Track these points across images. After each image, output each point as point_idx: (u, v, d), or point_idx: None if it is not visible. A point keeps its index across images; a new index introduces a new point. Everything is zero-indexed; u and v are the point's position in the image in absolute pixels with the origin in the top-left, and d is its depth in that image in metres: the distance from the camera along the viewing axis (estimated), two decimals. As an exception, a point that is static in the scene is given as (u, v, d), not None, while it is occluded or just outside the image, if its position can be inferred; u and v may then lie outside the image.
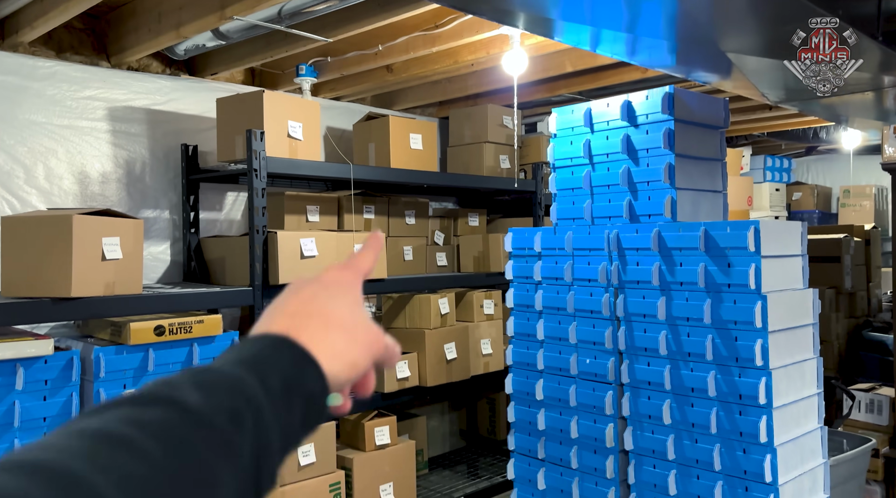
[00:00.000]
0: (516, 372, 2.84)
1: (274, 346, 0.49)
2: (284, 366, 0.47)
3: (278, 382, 0.46)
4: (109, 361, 2.25)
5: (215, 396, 0.42)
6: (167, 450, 0.37)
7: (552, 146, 2.76)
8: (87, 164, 2.91)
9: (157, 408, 0.40)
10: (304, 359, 0.49)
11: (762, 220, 2.17)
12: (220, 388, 0.43)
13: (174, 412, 0.40)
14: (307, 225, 3.25)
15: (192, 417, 0.40)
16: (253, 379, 0.44)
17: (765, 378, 2.12)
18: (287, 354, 0.48)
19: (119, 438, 0.37)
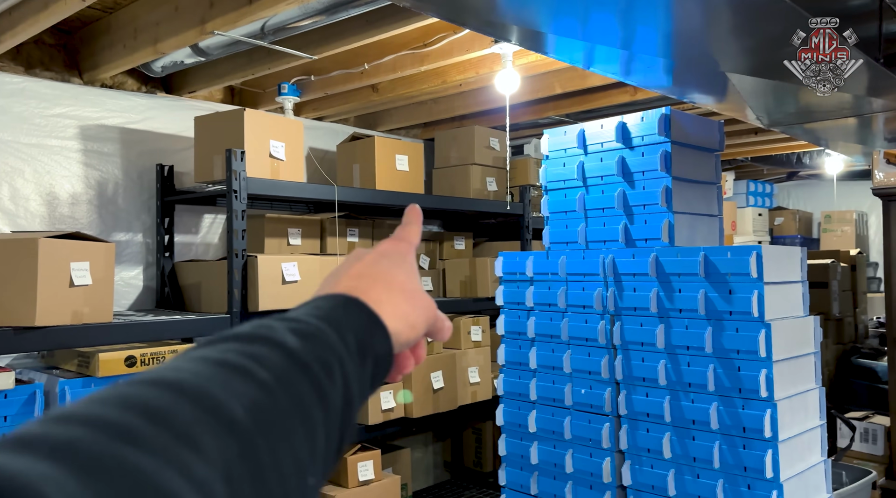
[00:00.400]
0: (507, 402, 2.73)
1: (345, 306, 0.49)
2: (357, 326, 0.48)
3: (353, 340, 0.47)
4: (76, 395, 2.10)
5: (310, 344, 0.43)
6: (280, 385, 0.39)
7: (544, 168, 2.68)
8: (55, 184, 2.77)
9: (263, 346, 0.41)
10: (373, 321, 0.50)
11: (763, 245, 2.10)
12: (312, 337, 0.44)
13: (280, 352, 0.41)
14: (288, 249, 3.12)
15: (294, 359, 0.41)
16: (335, 335, 0.45)
17: (770, 410, 2.03)
18: (358, 315, 0.49)
19: (241, 368, 0.38)
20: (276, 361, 0.40)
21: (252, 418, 0.35)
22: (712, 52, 2.05)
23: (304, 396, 0.40)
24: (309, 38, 2.61)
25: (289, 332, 0.43)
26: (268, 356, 0.40)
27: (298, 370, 0.40)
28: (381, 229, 3.54)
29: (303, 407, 0.39)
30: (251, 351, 0.40)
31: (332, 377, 0.43)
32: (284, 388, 0.39)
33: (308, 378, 0.41)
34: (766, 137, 4.82)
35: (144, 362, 2.25)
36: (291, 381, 0.40)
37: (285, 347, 0.41)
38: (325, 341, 0.44)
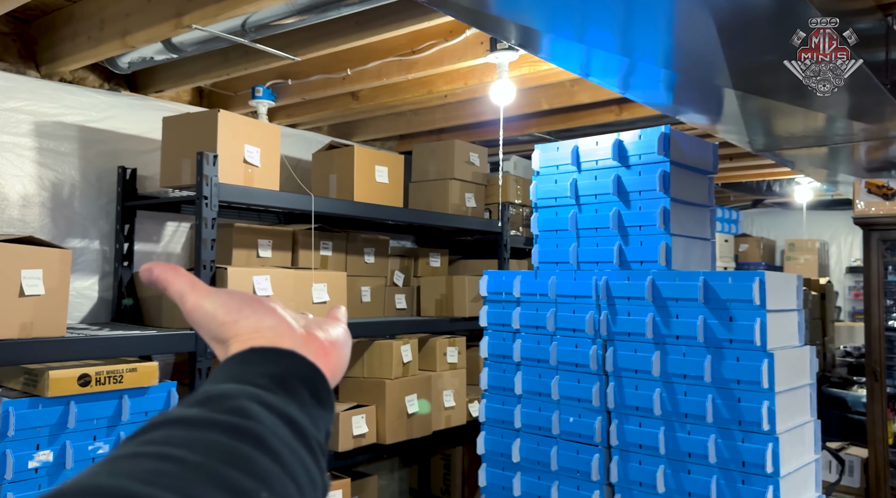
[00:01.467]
0: (490, 430, 2.59)
1: (242, 360, 0.47)
2: (261, 369, 0.46)
3: (266, 380, 0.45)
4: (21, 417, 1.88)
5: (212, 403, 0.41)
6: (187, 448, 0.37)
7: (535, 185, 2.58)
8: (5, 184, 2.54)
9: (160, 428, 0.39)
10: (274, 354, 0.48)
11: (766, 272, 2.03)
12: (214, 398, 0.41)
13: (180, 425, 0.39)
14: (258, 261, 2.94)
15: (197, 422, 0.39)
16: (238, 386, 0.43)
17: (772, 444, 1.94)
18: (257, 360, 0.47)
19: (137, 454, 0.36)
20: (174, 433, 0.38)
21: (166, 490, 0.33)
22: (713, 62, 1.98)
23: (219, 443, 0.38)
24: (292, 38, 2.47)
25: (185, 407, 0.41)
26: (163, 434, 0.38)
27: (203, 428, 0.38)
28: (356, 243, 3.39)
29: (221, 452, 0.37)
30: (149, 438, 0.38)
31: (249, 415, 0.40)
32: (189, 448, 0.36)
33: (218, 429, 0.39)
34: (739, 163, 4.84)
35: (100, 381, 2.04)
36: (196, 439, 0.37)
37: (182, 419, 0.39)
38: (226, 394, 0.42)
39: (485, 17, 1.81)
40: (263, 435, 0.39)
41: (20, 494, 1.89)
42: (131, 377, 2.12)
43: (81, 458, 2.03)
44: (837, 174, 3.50)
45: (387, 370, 3.02)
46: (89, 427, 2.04)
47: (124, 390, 2.12)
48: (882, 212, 3.14)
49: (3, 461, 1.86)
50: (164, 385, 2.24)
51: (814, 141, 2.88)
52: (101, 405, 2.06)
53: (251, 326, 0.50)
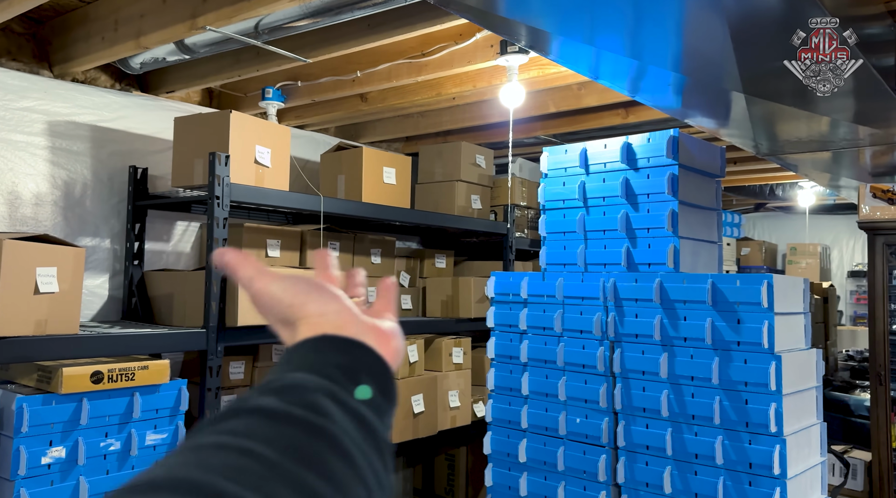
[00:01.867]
0: (496, 430, 2.61)
1: (315, 346, 0.48)
2: (332, 358, 0.47)
3: (336, 370, 0.46)
4: (35, 413, 1.89)
5: (287, 395, 0.42)
6: (265, 444, 0.37)
7: (542, 187, 2.60)
8: (18, 182, 2.56)
9: (237, 418, 0.40)
10: (344, 343, 0.49)
11: (774, 275, 2.04)
12: (288, 389, 0.43)
13: (257, 416, 0.40)
14: (267, 261, 2.96)
15: (274, 415, 0.40)
16: (312, 376, 0.44)
17: (779, 446, 1.96)
18: (329, 348, 0.48)
19: (219, 445, 0.37)
20: (254, 425, 0.39)
21: (243, 486, 0.34)
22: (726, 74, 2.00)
23: (296, 441, 0.39)
24: (303, 41, 2.49)
25: (260, 395, 0.42)
26: (244, 424, 0.39)
27: (281, 423, 0.39)
28: (363, 244, 3.41)
29: (298, 452, 0.38)
30: (228, 428, 0.38)
31: (323, 412, 0.41)
32: (269, 444, 0.37)
33: (295, 425, 0.40)
34: (743, 167, 4.86)
35: (112, 378, 2.06)
36: (275, 435, 0.38)
37: (261, 410, 0.40)
38: (302, 386, 0.43)
39: (495, 18, 1.82)
40: (338, 436, 0.40)
41: (33, 489, 1.91)
42: (143, 375, 2.14)
43: (93, 454, 2.04)
44: (840, 178, 3.51)
45: (394, 370, 3.04)
46: (101, 424, 2.06)
47: (136, 388, 2.13)
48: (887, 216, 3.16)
49: (16, 457, 1.88)
50: (175, 383, 2.26)
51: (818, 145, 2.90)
52: (113, 402, 2.08)
53: (318, 309, 0.51)
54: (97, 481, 2.04)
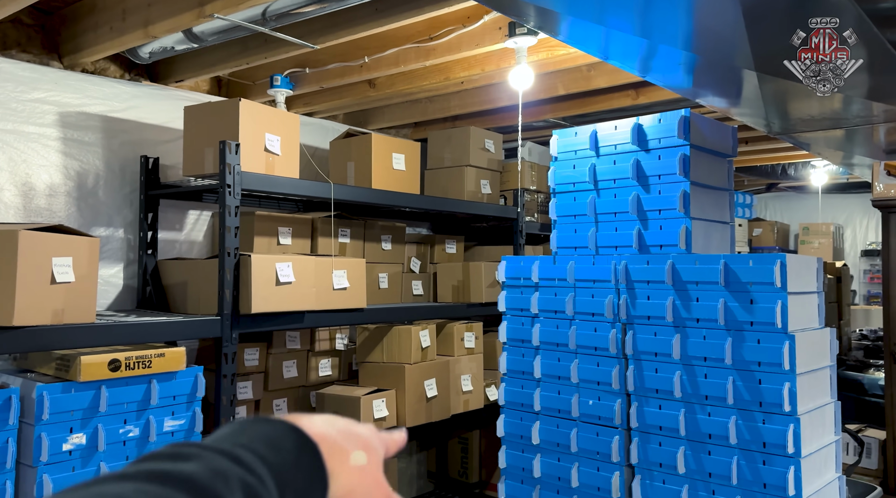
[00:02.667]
0: (509, 413, 2.62)
1: (299, 453, 0.48)
2: (302, 481, 0.47)
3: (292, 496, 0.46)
4: (55, 401, 1.93)
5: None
6: None
7: (553, 170, 2.59)
8: (32, 174, 2.58)
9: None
10: (320, 478, 0.48)
11: (787, 255, 2.03)
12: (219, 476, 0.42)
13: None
14: (279, 248, 2.98)
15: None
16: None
17: (793, 425, 1.96)
18: (306, 467, 0.48)
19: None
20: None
21: None
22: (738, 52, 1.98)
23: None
24: (311, 27, 2.48)
25: (240, 489, 0.41)
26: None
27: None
28: (373, 230, 3.41)
29: None
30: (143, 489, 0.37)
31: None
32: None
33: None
34: (754, 147, 4.82)
35: (129, 366, 2.09)
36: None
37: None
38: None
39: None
40: None
41: (55, 475, 1.94)
42: (160, 362, 2.17)
43: (113, 440, 2.08)
44: (854, 156, 3.48)
45: (406, 355, 3.06)
46: (120, 411, 2.09)
47: (153, 375, 2.16)
48: (901, 194, 3.13)
49: (38, 444, 1.91)
50: (192, 370, 2.28)
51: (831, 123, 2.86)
52: (131, 390, 2.11)
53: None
54: (118, 467, 2.07)
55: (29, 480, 1.93)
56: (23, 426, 1.94)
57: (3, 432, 1.87)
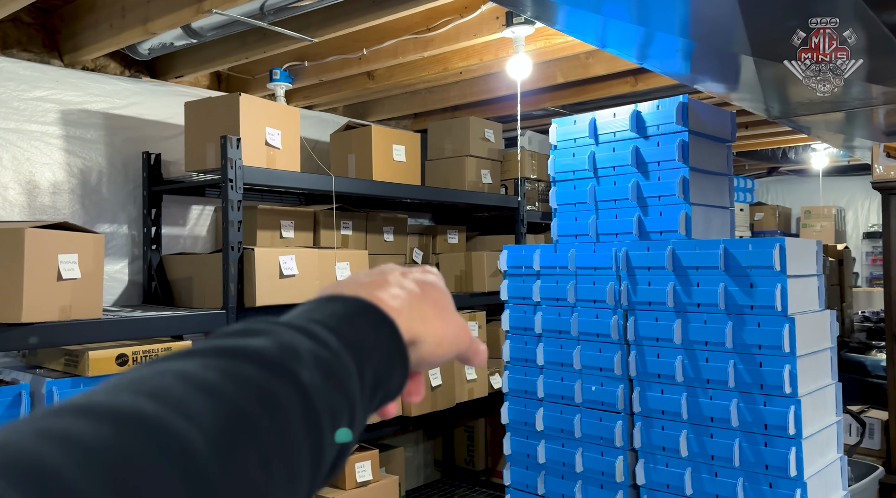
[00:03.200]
0: (513, 400, 2.65)
1: (376, 328, 0.46)
2: (379, 358, 0.45)
3: (371, 376, 0.44)
4: (65, 396, 1.95)
5: (328, 385, 0.40)
6: (281, 443, 0.35)
7: (553, 158, 2.60)
8: (36, 172, 2.60)
9: (283, 379, 0.37)
10: (398, 351, 0.47)
11: (786, 238, 2.05)
12: (333, 376, 0.40)
13: (299, 400, 0.38)
14: (282, 241, 3.00)
15: (307, 407, 0.38)
16: (355, 374, 0.42)
17: (794, 407, 1.98)
18: (386, 343, 0.46)
19: (243, 415, 0.34)
20: (290, 405, 0.37)
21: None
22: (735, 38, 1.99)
23: (302, 457, 0.37)
24: (309, 20, 2.49)
25: (313, 363, 0.39)
26: (281, 398, 0.36)
27: (304, 425, 0.37)
28: (375, 222, 3.43)
29: (293, 470, 0.36)
30: (268, 386, 0.36)
31: (337, 426, 0.40)
32: (282, 446, 0.35)
33: (311, 435, 0.38)
34: (754, 131, 4.82)
35: (136, 360, 2.11)
36: (293, 442, 0.36)
37: (303, 390, 0.38)
38: (343, 384, 0.41)
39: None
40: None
41: (68, 469, 1.97)
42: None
43: (123, 434, 2.11)
44: (854, 139, 3.48)
45: (410, 345, 3.08)
46: (129, 405, 2.12)
47: (161, 369, 2.19)
48: (901, 176, 3.13)
49: (50, 438, 1.94)
50: (198, 363, 2.31)
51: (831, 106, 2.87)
52: (140, 383, 2.14)
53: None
54: (128, 460, 2.10)
55: (41, 473, 1.96)
56: (34, 421, 1.97)
57: (15, 427, 1.90)
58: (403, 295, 0.50)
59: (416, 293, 0.52)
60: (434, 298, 0.53)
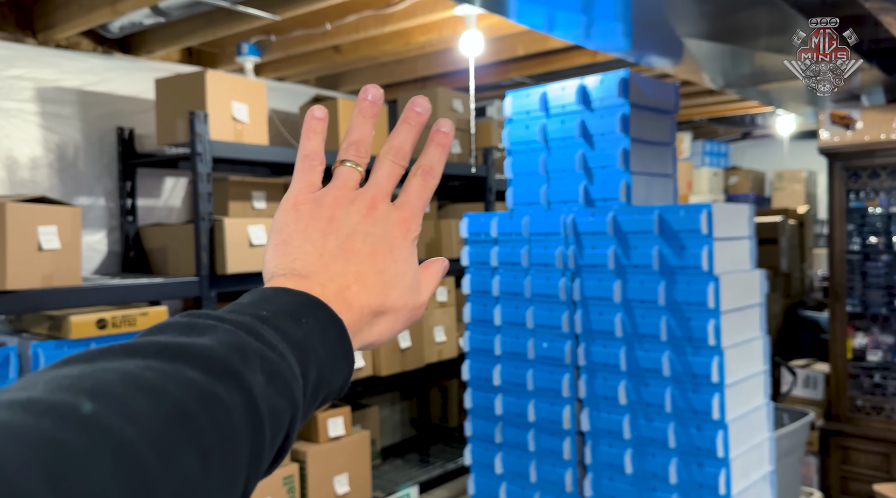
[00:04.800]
0: (473, 358, 2.83)
1: (324, 328, 0.45)
2: (325, 359, 0.44)
3: (315, 377, 0.43)
4: (50, 357, 2.12)
5: (272, 389, 0.39)
6: (221, 450, 0.35)
7: (507, 131, 2.74)
8: (14, 148, 2.72)
9: (223, 383, 0.36)
10: (345, 352, 0.46)
11: (714, 203, 2.21)
12: (278, 379, 0.39)
13: (242, 402, 0.37)
14: (253, 212, 3.14)
15: (251, 413, 0.37)
16: (300, 377, 0.42)
17: (717, 357, 2.17)
18: (333, 344, 0.45)
19: (186, 417, 0.34)
20: (236, 414, 0.36)
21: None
22: (669, 17, 2.13)
23: (242, 459, 0.36)
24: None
25: (258, 364, 0.39)
26: (224, 400, 0.36)
27: (247, 428, 0.37)
28: (346, 191, 3.57)
29: (232, 473, 0.36)
30: (211, 389, 0.35)
31: (278, 432, 0.39)
32: (223, 449, 0.35)
33: (253, 438, 0.37)
34: (721, 98, 4.95)
35: (116, 324, 2.28)
36: (234, 445, 0.36)
37: (251, 399, 0.37)
38: (287, 386, 0.40)
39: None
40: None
41: (54, 423, 2.15)
42: (143, 320, 2.36)
43: (105, 392, 2.28)
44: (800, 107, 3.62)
45: (379, 308, 3.26)
46: (110, 365, 2.29)
47: (138, 332, 2.35)
48: (844, 141, 3.29)
49: (36, 396, 2.11)
50: (174, 326, 2.47)
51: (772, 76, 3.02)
52: (119, 345, 2.30)
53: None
54: (110, 415, 2.28)
55: (30, 428, 2.14)
56: (21, 380, 2.14)
57: (4, 386, 2.06)
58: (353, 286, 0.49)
59: (366, 269, 0.50)
60: (382, 268, 0.51)
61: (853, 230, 3.40)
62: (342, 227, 0.52)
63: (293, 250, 0.50)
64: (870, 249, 3.43)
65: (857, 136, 3.35)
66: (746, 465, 2.33)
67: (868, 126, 3.32)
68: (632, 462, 2.36)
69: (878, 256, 3.40)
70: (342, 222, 0.52)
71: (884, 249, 3.41)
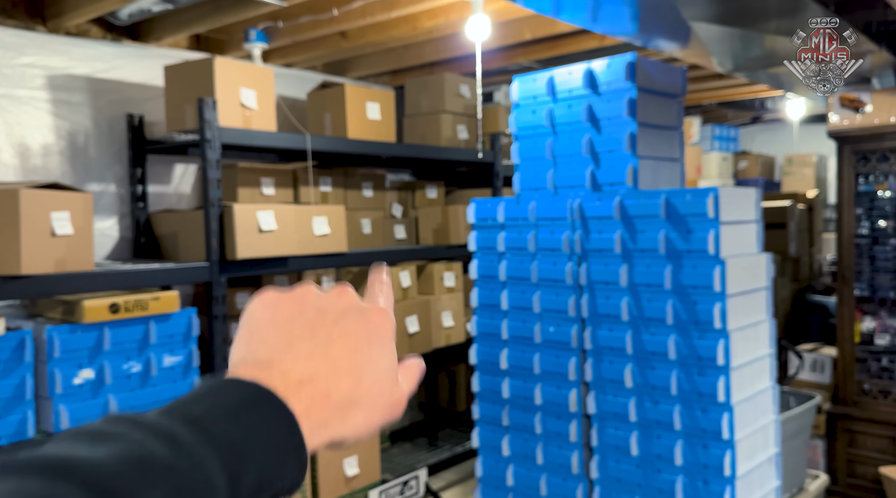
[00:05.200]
0: (480, 342, 2.86)
1: (269, 425, 0.41)
2: (267, 459, 0.40)
3: (253, 480, 0.39)
4: (64, 341, 2.16)
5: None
6: None
7: (514, 116, 2.75)
8: (26, 135, 2.75)
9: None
10: (292, 449, 0.41)
11: (721, 187, 2.22)
12: (183, 496, 0.36)
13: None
14: (262, 198, 3.17)
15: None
16: (222, 485, 0.37)
17: (723, 340, 2.19)
18: (278, 440, 0.41)
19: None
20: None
21: None
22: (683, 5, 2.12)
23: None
24: (278, -15, 2.60)
25: (160, 479, 0.35)
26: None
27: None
28: (353, 178, 3.59)
29: None
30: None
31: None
32: None
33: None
34: (730, 82, 4.92)
35: (128, 308, 2.31)
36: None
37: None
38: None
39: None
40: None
41: (70, 405, 2.20)
42: (155, 305, 2.39)
43: (118, 375, 2.32)
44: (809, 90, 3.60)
45: (388, 293, 3.29)
46: (122, 349, 2.33)
47: (150, 317, 2.39)
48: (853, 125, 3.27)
49: (52, 378, 2.16)
50: (186, 311, 2.51)
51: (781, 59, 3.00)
52: (131, 329, 2.34)
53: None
54: (124, 398, 2.33)
55: (47, 410, 2.18)
56: (37, 364, 2.19)
57: (21, 369, 2.11)
58: (312, 371, 0.44)
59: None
60: (347, 334, 0.47)
61: (862, 214, 3.40)
62: (311, 307, 0.48)
63: (257, 338, 0.47)
64: (878, 232, 3.43)
65: (867, 120, 3.33)
66: (752, 447, 2.35)
67: (878, 109, 3.31)
68: (638, 444, 2.39)
69: (886, 240, 3.39)
70: (312, 303, 0.48)
71: (892, 232, 3.40)
